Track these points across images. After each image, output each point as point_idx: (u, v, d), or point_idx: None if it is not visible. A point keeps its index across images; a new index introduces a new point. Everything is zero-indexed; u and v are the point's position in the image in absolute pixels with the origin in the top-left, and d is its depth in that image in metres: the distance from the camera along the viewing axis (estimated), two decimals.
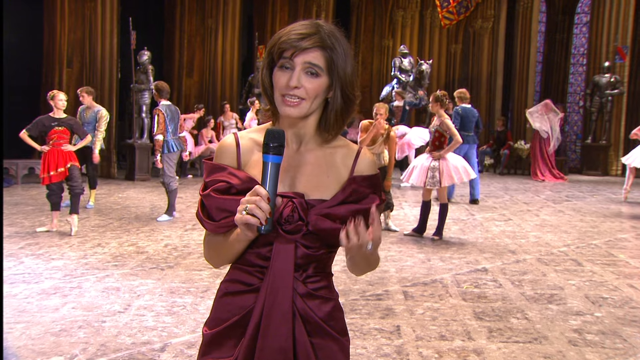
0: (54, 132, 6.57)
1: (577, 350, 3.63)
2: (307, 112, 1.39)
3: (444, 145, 6.84)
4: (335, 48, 1.37)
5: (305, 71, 1.36)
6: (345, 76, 1.39)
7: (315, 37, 1.35)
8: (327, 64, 1.37)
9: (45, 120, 6.68)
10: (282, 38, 1.36)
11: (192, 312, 4.13)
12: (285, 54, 1.35)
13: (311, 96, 1.37)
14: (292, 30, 1.36)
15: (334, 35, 1.38)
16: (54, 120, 6.64)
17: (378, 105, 7.01)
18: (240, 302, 1.43)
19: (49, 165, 6.51)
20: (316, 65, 1.36)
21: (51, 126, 6.58)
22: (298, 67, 1.35)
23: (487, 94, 18.47)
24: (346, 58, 1.39)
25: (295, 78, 1.35)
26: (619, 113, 16.24)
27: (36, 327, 3.79)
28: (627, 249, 6.70)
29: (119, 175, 12.62)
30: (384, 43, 18.39)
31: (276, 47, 1.37)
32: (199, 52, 15.83)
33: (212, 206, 1.39)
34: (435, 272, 5.41)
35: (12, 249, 5.87)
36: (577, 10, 19.32)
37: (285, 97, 1.37)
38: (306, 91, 1.36)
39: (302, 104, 1.37)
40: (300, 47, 1.34)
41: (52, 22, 12.90)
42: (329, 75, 1.38)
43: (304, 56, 1.35)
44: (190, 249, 6.08)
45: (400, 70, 14.96)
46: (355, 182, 1.42)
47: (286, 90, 1.36)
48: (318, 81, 1.37)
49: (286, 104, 1.37)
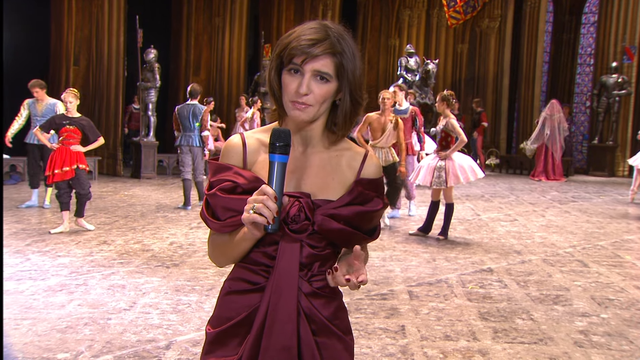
0: (64, 130, 6.52)
1: (582, 351, 3.61)
2: (315, 116, 1.40)
3: (450, 145, 6.84)
4: (344, 52, 1.36)
5: (315, 77, 1.36)
6: (354, 79, 1.39)
7: (326, 43, 1.34)
8: (336, 69, 1.36)
9: (57, 118, 6.66)
10: (292, 43, 1.35)
11: (197, 310, 4.14)
12: (295, 60, 1.35)
13: (319, 101, 1.37)
14: (301, 35, 1.35)
15: (342, 38, 1.37)
16: (66, 119, 6.59)
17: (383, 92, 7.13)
18: (245, 300, 1.43)
19: (54, 164, 6.47)
20: (326, 73, 1.35)
21: (62, 124, 6.54)
22: (308, 74, 1.35)
23: (493, 94, 18.42)
24: (354, 60, 1.39)
25: (305, 85, 1.35)
26: (626, 114, 16.15)
27: (42, 324, 3.81)
28: (633, 250, 6.66)
29: (125, 173, 12.66)
30: (391, 42, 18.37)
31: (286, 51, 1.36)
32: (206, 50, 15.86)
33: (218, 205, 1.40)
34: (441, 272, 5.40)
35: (19, 246, 5.90)
36: (584, 10, 19.23)
37: (294, 103, 1.37)
38: (315, 97, 1.36)
39: (310, 108, 1.37)
40: (311, 54, 1.33)
41: (59, 20, 12.95)
42: (338, 79, 1.38)
43: (314, 64, 1.34)
44: (196, 247, 6.10)
45: (406, 70, 14.92)
46: (362, 185, 1.43)
47: (295, 97, 1.36)
48: (327, 86, 1.37)
49: (295, 109, 1.37)
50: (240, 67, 15.84)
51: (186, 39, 15.71)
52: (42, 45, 13.31)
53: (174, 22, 15.98)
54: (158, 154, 12.77)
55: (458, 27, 17.45)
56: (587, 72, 19.17)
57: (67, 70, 12.95)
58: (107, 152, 12.37)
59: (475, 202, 10.12)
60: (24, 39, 12.72)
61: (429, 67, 14.49)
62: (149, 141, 12.34)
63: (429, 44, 18.16)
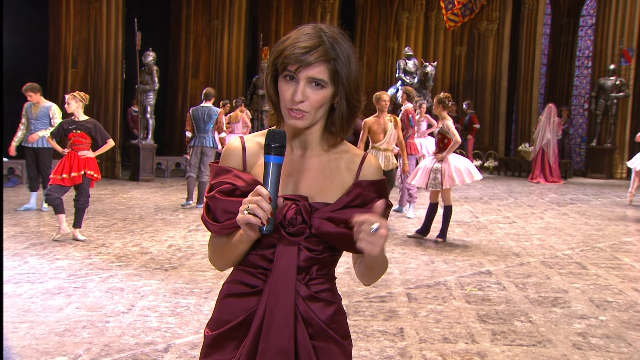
0: (72, 135, 6.34)
1: (581, 354, 3.62)
2: (312, 122, 1.40)
3: (447, 147, 6.87)
4: (339, 57, 1.36)
5: (310, 83, 1.36)
6: (349, 84, 1.39)
7: (320, 50, 1.34)
8: (331, 75, 1.36)
9: (65, 124, 6.48)
10: (286, 51, 1.35)
11: (195, 313, 4.14)
12: (289, 67, 1.35)
13: (315, 107, 1.37)
14: (296, 43, 1.34)
15: (337, 42, 1.37)
16: (73, 124, 6.40)
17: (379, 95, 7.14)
18: (243, 304, 1.43)
19: (62, 168, 6.26)
20: (321, 80, 1.36)
21: (69, 129, 6.37)
22: (302, 81, 1.35)
23: (491, 97, 18.45)
24: (350, 64, 1.38)
25: (299, 93, 1.35)
26: (624, 116, 16.18)
27: (40, 327, 3.80)
28: (631, 253, 6.67)
29: (124, 176, 12.65)
30: (389, 45, 18.39)
31: (280, 59, 1.36)
32: (205, 53, 15.87)
33: (217, 208, 1.40)
34: (439, 275, 5.40)
35: (17, 249, 5.89)
36: (582, 12, 19.29)
37: (290, 110, 1.37)
38: (310, 103, 1.36)
39: (306, 115, 1.38)
40: (305, 62, 1.33)
41: (58, 22, 12.95)
42: (333, 85, 1.38)
43: (308, 71, 1.34)
44: (194, 250, 6.09)
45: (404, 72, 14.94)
46: (361, 187, 1.42)
47: (291, 104, 1.36)
48: (322, 92, 1.37)
49: (292, 117, 1.38)
50: (239, 69, 15.85)
51: (185, 41, 15.72)
52: (40, 48, 13.30)
53: (173, 24, 15.99)
54: (156, 157, 12.76)
55: (456, 30, 17.48)
56: (585, 75, 19.21)
57: (65, 73, 12.94)
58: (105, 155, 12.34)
59: (474, 204, 10.13)
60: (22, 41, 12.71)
61: (427, 70, 14.50)
62: (148, 144, 12.34)
63: (427, 47, 18.18)
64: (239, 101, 12.80)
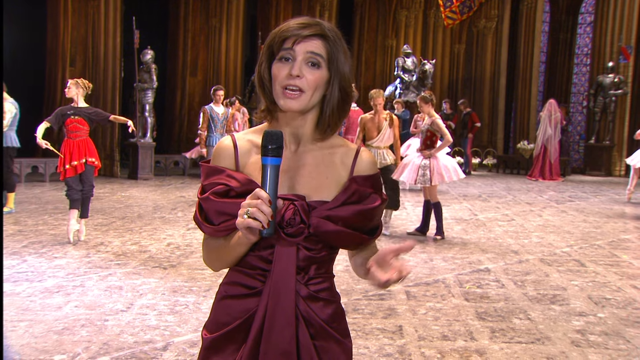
0: (70, 121, 6.15)
1: (580, 351, 3.62)
2: (307, 106, 1.38)
3: (435, 145, 7.00)
4: (335, 41, 1.39)
5: (307, 62, 1.36)
6: (344, 72, 1.40)
7: (317, 26, 1.37)
8: (328, 55, 1.37)
9: (63, 109, 6.29)
10: (282, 28, 1.37)
11: (194, 311, 4.14)
12: (286, 43, 1.35)
13: (311, 87, 1.36)
14: (292, 21, 1.38)
15: (334, 30, 1.40)
16: (71, 109, 6.21)
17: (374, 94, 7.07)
18: (242, 305, 1.41)
19: (64, 159, 6.09)
20: (318, 55, 1.36)
21: (67, 115, 6.16)
22: (300, 56, 1.35)
23: (490, 94, 18.45)
24: (345, 55, 1.40)
25: (297, 67, 1.35)
26: (622, 113, 16.20)
27: (39, 326, 3.80)
28: (630, 250, 6.68)
29: (122, 174, 12.64)
30: (388, 43, 18.37)
31: (277, 37, 1.37)
32: (203, 51, 15.85)
33: (211, 210, 1.37)
34: (438, 272, 5.41)
35: (15, 248, 5.89)
36: (581, 10, 19.28)
37: (285, 90, 1.36)
38: (307, 81, 1.36)
39: (303, 96, 1.36)
40: (302, 34, 1.35)
41: (55, 20, 12.92)
42: (328, 68, 1.38)
43: (306, 45, 1.35)
44: (193, 248, 6.09)
45: (403, 70, 14.95)
46: (357, 183, 1.41)
47: (287, 80, 1.35)
48: (319, 72, 1.37)
49: (286, 96, 1.36)
50: (237, 67, 15.83)
51: (183, 39, 15.69)
52: (38, 46, 13.28)
53: (171, 23, 15.97)
54: (155, 155, 12.75)
55: (455, 28, 17.47)
56: (584, 72, 19.21)
57: (63, 71, 12.91)
58: (104, 153, 12.34)
59: (473, 202, 10.14)
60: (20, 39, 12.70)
61: (426, 68, 14.51)
62: (146, 142, 12.33)
63: (426, 44, 18.17)
64: (232, 99, 12.77)
